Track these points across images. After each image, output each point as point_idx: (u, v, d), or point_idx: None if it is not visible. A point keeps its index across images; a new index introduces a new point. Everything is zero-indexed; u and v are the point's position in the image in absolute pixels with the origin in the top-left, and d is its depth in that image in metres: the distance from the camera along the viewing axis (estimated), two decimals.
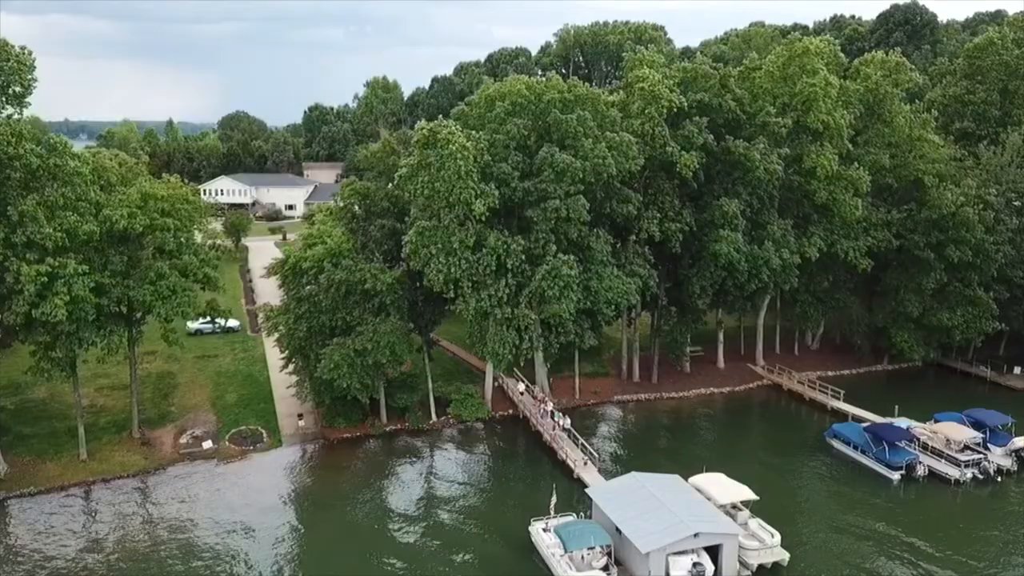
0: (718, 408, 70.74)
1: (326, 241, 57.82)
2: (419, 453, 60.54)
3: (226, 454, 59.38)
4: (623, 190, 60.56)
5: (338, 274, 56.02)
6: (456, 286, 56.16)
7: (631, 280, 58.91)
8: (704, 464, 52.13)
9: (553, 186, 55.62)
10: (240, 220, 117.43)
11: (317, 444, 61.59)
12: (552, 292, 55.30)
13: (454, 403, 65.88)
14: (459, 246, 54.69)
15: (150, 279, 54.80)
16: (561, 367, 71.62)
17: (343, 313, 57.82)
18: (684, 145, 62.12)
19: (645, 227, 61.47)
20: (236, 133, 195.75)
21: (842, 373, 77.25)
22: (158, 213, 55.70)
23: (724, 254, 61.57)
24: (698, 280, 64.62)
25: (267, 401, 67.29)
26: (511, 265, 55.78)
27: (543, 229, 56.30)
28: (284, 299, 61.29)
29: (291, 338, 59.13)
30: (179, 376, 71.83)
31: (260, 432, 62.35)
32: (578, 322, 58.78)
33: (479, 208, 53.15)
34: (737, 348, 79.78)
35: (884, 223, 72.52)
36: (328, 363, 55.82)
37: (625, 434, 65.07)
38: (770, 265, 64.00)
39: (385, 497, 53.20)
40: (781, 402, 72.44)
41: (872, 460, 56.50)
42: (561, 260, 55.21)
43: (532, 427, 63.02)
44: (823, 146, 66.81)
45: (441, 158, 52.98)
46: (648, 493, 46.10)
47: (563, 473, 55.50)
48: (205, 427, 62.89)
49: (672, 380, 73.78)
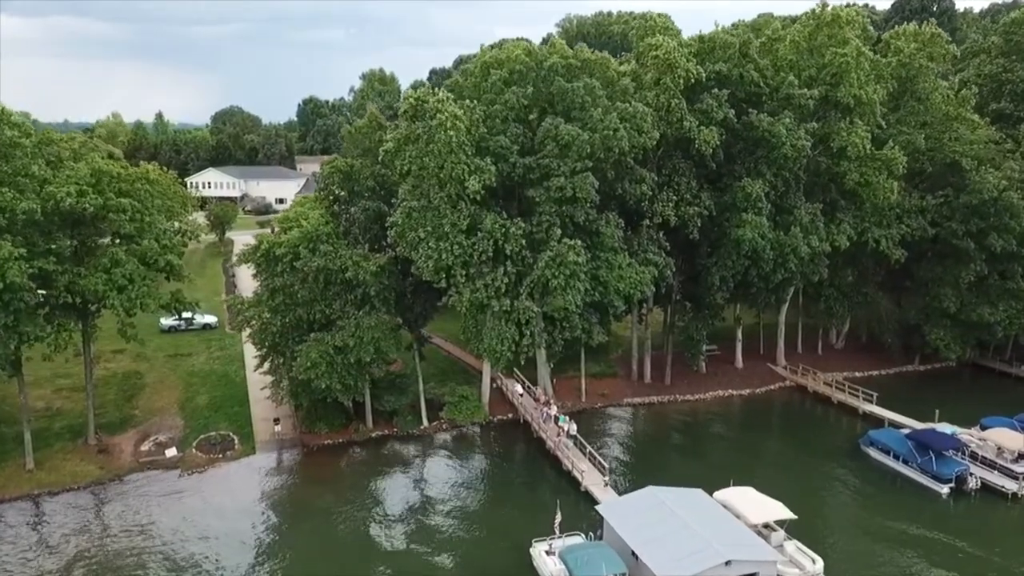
0: (737, 412, 64.52)
1: (302, 224, 51.49)
2: (408, 461, 54.33)
3: (191, 463, 53.15)
4: (636, 169, 54.27)
5: (315, 261, 49.75)
6: (448, 275, 49.93)
7: (645, 269, 52.60)
8: (730, 476, 46.03)
9: (557, 162, 49.36)
10: (225, 211, 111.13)
11: (295, 451, 55.42)
12: (557, 282, 49.04)
13: (448, 406, 59.70)
14: (451, 229, 48.47)
15: (103, 266, 48.60)
16: (565, 367, 65.54)
17: (322, 305, 51.58)
18: (702, 120, 55.90)
19: (660, 210, 55.17)
20: (228, 127, 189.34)
21: (870, 374, 71.16)
22: (114, 193, 49.66)
23: (748, 240, 55.23)
24: (718, 270, 58.25)
25: (242, 404, 61.09)
26: (510, 251, 49.53)
27: (546, 211, 50.04)
28: (257, 290, 55.03)
29: (264, 334, 52.88)
30: (147, 376, 65.61)
31: (231, 438, 56.13)
32: (585, 316, 52.50)
33: (474, 186, 46.91)
34: (755, 347, 73.64)
35: (918, 210, 66.45)
36: (304, 361, 49.62)
37: (636, 441, 58.75)
38: (798, 253, 57.66)
39: (369, 512, 46.95)
40: (806, 405, 66.20)
41: (916, 471, 50.25)
42: (567, 246, 48.94)
43: (533, 433, 56.81)
44: (853, 123, 60.55)
45: (430, 129, 46.82)
46: (669, 511, 39.90)
47: (569, 485, 49.29)
48: (171, 432, 56.72)
49: (687, 381, 67.59)
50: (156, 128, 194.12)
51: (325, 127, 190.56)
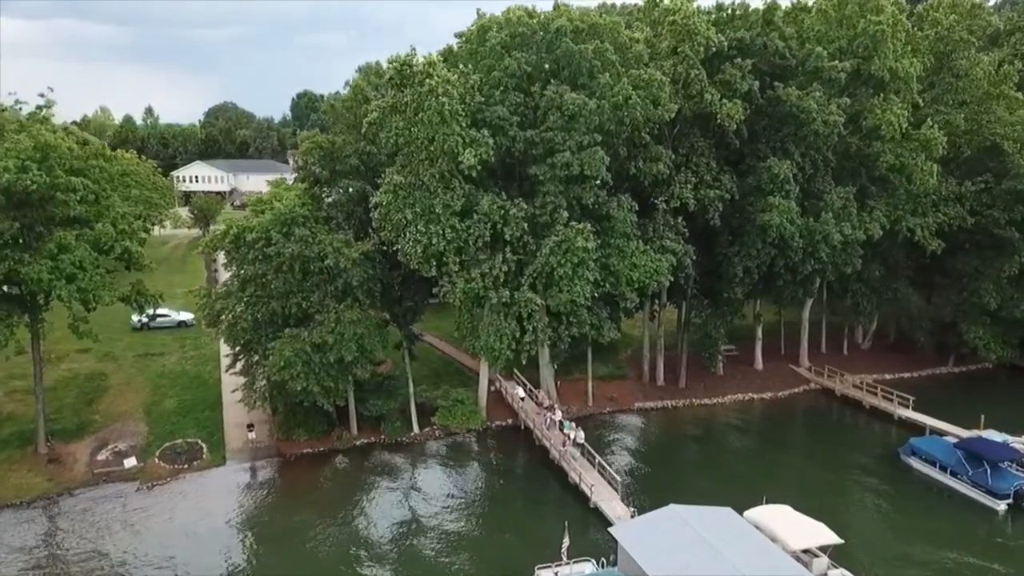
0: (760, 418, 58.84)
1: (274, 204, 45.71)
2: (396, 472, 48.62)
3: (152, 474, 47.43)
4: (651, 146, 48.55)
5: (289, 247, 44.00)
6: (440, 263, 44.25)
7: (661, 257, 46.86)
8: (756, 490, 40.40)
9: (562, 135, 43.64)
10: (209, 205, 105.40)
11: (270, 461, 49.74)
12: (563, 271, 43.37)
13: (440, 411, 54.00)
14: (443, 211, 42.78)
15: (48, 252, 42.92)
16: (570, 368, 59.98)
17: (298, 298, 45.84)
18: (724, 93, 50.22)
19: (677, 193, 49.40)
20: (220, 121, 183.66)
21: (901, 376, 65.49)
22: (64, 171, 44.00)
23: (775, 226, 49.47)
24: (741, 260, 52.44)
25: (213, 408, 55.36)
26: (510, 236, 43.89)
27: (551, 191, 44.34)
28: (227, 281, 49.26)
29: (234, 330, 47.17)
30: (112, 377, 59.83)
31: (199, 446, 50.43)
32: (595, 310, 46.81)
33: (469, 160, 41.20)
34: (775, 347, 67.95)
35: (956, 197, 60.81)
36: (277, 360, 43.91)
37: (650, 450, 52.94)
38: (830, 241, 51.90)
39: (352, 530, 41.23)
40: (834, 410, 60.50)
41: (968, 485, 44.54)
42: (575, 230, 43.29)
43: (536, 440, 51.11)
44: (888, 100, 54.89)
45: (419, 97, 41.14)
46: (694, 534, 34.11)
47: (576, 501, 43.58)
48: (132, 440, 50.98)
49: (703, 384, 61.88)
50: (146, 123, 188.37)
51: (320, 121, 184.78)
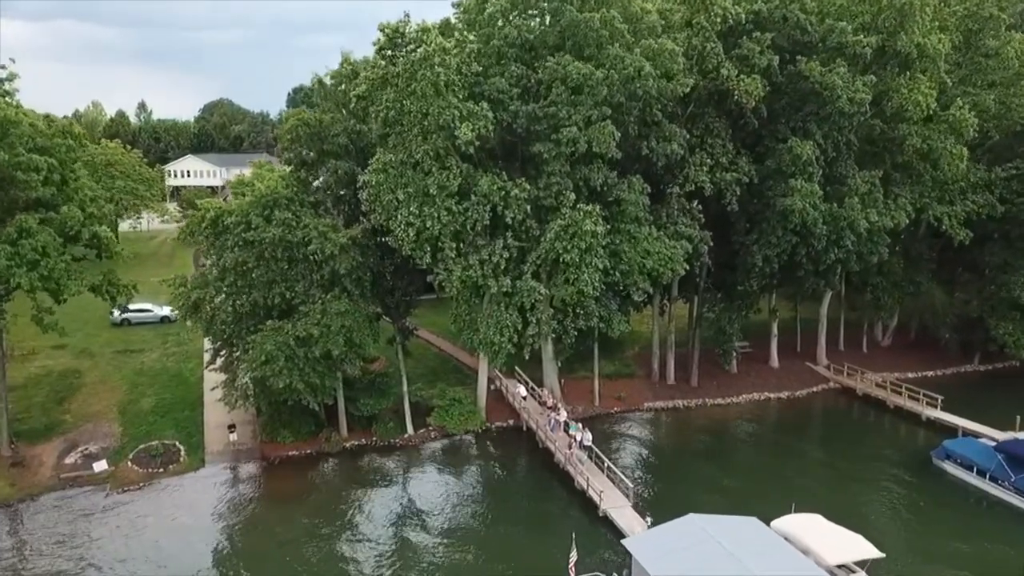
0: (777, 418, 55.18)
1: (256, 186, 42.03)
2: (389, 477, 45.00)
3: (124, 479, 43.81)
4: (664, 124, 44.87)
5: (271, 231, 40.33)
6: (435, 248, 40.58)
7: (676, 244, 43.16)
8: (779, 496, 36.87)
9: (567, 109, 39.94)
10: (199, 198, 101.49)
11: (252, 464, 46.16)
12: (569, 257, 39.67)
13: (436, 411, 50.36)
14: (438, 191, 39.10)
15: (8, 237, 39.31)
16: (574, 365, 56.39)
17: (282, 288, 42.18)
18: (742, 68, 46.60)
19: (692, 176, 45.73)
20: (215, 117, 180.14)
21: (925, 375, 61.87)
22: (25, 148, 40.42)
23: (798, 211, 45.78)
24: (760, 248, 48.74)
25: (194, 407, 51.73)
26: (512, 219, 40.24)
27: (556, 170, 40.67)
28: (206, 269, 45.57)
29: (212, 322, 43.52)
30: (87, 375, 56.20)
31: (176, 448, 46.81)
32: (603, 301, 43.16)
33: (466, 134, 37.48)
34: (791, 344, 64.30)
35: (984, 184, 57.16)
36: (257, 354, 40.23)
37: (662, 453, 49.25)
38: (855, 228, 48.20)
39: (340, 542, 37.58)
40: (855, 410, 56.80)
41: (1011, 492, 40.89)
42: (582, 211, 39.60)
43: (539, 443, 47.47)
44: (914, 79, 51.26)
45: (411, 66, 37.51)
46: (717, 547, 30.51)
47: (583, 509, 39.95)
48: (104, 442, 47.38)
49: (716, 382, 58.21)
50: (139, 118, 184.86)
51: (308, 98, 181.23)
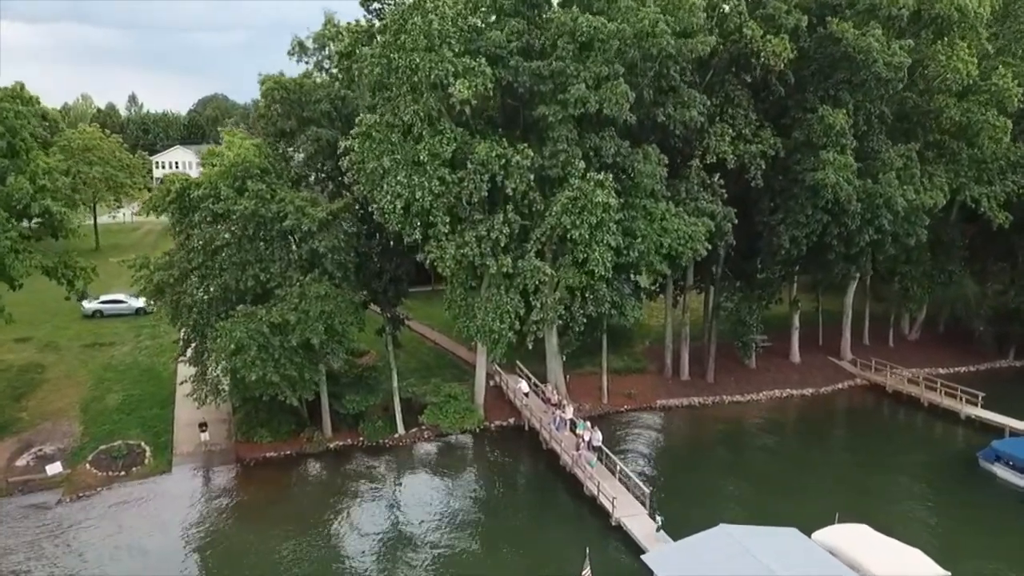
0: (801, 417, 50.69)
1: (225, 154, 37.47)
2: (377, 481, 40.45)
3: (80, 483, 39.28)
4: (682, 89, 40.32)
5: (242, 203, 35.76)
6: (425, 223, 36.00)
7: (698, 221, 38.58)
8: (820, 506, 32.38)
9: (575, 66, 35.39)
10: None
11: (225, 467, 41.70)
12: (578, 232, 35.13)
13: (430, 408, 45.81)
14: (430, 158, 34.56)
15: None
16: (580, 360, 51.99)
17: (255, 269, 37.59)
18: (767, 29, 42.16)
19: (714, 147, 41.19)
20: (208, 110, 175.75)
21: (956, 370, 57.39)
22: None
23: (831, 185, 41.25)
24: (787, 229, 44.17)
25: (164, 405, 47.18)
26: (513, 191, 35.68)
27: (563, 137, 36.14)
28: (170, 250, 40.91)
29: (178, 308, 38.96)
30: (51, 370, 51.62)
31: (141, 449, 42.29)
32: (615, 285, 38.62)
33: (462, 92, 32.98)
34: (812, 337, 59.79)
35: None
36: (226, 342, 35.66)
37: (678, 456, 44.70)
38: (892, 206, 43.69)
39: (322, 555, 33.08)
40: (885, 408, 52.36)
41: None
42: (593, 181, 35.05)
43: (543, 443, 42.97)
44: (953, 45, 46.87)
45: (400, 16, 33.03)
46: (756, 564, 26.02)
47: (594, 517, 35.42)
48: (62, 442, 42.84)
49: (733, 378, 53.72)
50: (129, 111, 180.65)
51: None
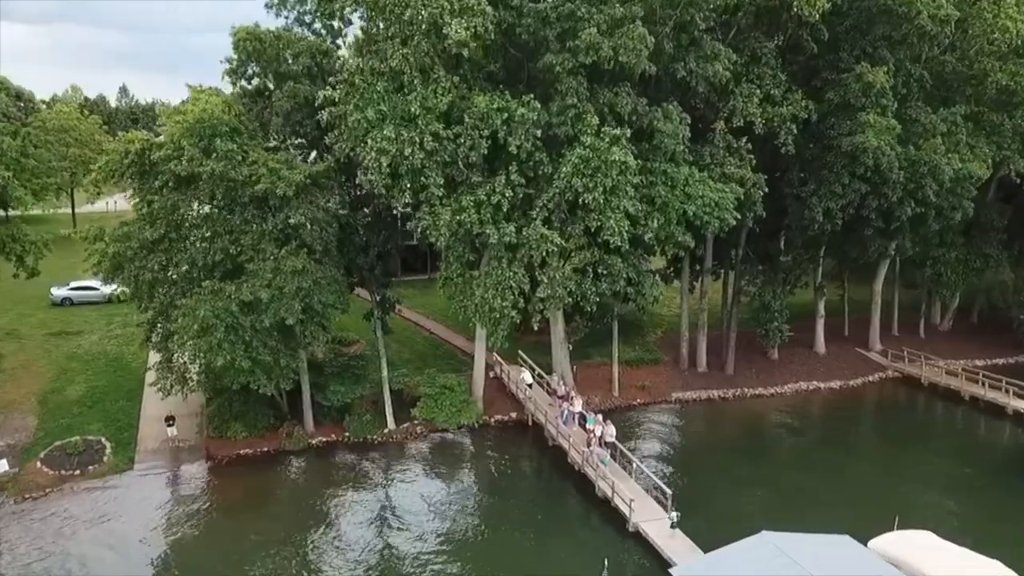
0: (831, 412, 46.30)
1: (191, 110, 33.02)
2: (364, 482, 36.03)
3: (29, 483, 34.84)
4: (706, 41, 35.92)
5: (209, 165, 31.35)
6: (416, 186, 31.57)
7: (725, 187, 34.16)
8: (866, 510, 28.14)
9: (586, 7, 31.03)
10: None
11: (194, 465, 37.33)
12: (591, 197, 30.71)
13: (423, 401, 41.33)
14: (422, 111, 30.16)
15: None
16: (587, 350, 47.94)
17: (224, 241, 33.16)
18: None
19: (740, 108, 36.77)
20: None
21: (994, 363, 52.86)
22: None
23: (871, 150, 36.85)
24: (821, 201, 39.68)
25: (131, 397, 42.83)
26: (517, 148, 31.23)
27: (572, 88, 31.74)
28: (128, 220, 36.37)
29: (138, 284, 34.56)
30: (8, 359, 47.24)
31: (101, 445, 37.89)
32: (632, 260, 34.21)
33: (459, 33, 28.61)
34: (838, 327, 55.44)
35: None
36: (190, 322, 31.25)
37: (697, 454, 40.16)
38: (938, 176, 39.30)
39: (301, 566, 28.70)
40: (921, 402, 48.03)
41: None
42: (608, 136, 30.63)
43: (548, 440, 38.61)
44: (999, 3, 42.63)
45: None
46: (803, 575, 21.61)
47: (607, 522, 31.02)
48: (12, 438, 38.46)
49: (755, 370, 49.34)
50: (120, 102, 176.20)
51: None
